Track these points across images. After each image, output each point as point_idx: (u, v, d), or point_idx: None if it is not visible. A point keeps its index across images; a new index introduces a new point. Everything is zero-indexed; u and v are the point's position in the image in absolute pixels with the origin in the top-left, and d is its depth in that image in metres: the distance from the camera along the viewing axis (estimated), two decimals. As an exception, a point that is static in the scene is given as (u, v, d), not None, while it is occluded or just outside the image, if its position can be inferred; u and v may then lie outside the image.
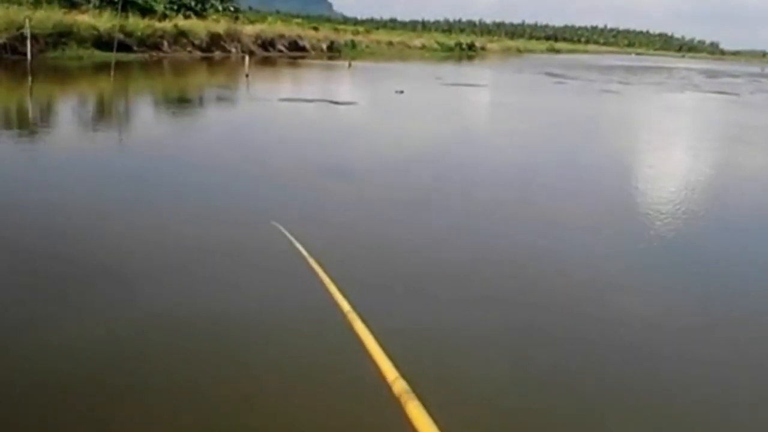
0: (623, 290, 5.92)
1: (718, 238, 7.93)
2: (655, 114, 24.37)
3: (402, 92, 23.09)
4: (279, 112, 17.40)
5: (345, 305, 1.60)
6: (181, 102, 18.89)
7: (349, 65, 36.99)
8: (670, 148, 15.74)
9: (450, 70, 43.82)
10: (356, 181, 9.72)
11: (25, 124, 13.38)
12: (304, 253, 2.40)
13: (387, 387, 1.20)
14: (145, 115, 16.42)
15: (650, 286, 6.03)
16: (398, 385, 1.19)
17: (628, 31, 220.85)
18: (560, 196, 9.46)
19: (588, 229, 7.78)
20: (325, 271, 1.97)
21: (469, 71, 45.28)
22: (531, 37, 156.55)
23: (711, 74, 59.88)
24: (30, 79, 17.92)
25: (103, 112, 16.49)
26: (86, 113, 16.04)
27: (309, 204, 8.00)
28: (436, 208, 8.32)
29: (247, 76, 24.99)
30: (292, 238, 2.78)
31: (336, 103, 19.48)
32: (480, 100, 25.25)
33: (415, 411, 1.11)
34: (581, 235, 7.51)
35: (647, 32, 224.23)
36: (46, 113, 15.38)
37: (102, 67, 23.91)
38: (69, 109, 16.31)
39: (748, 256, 7.22)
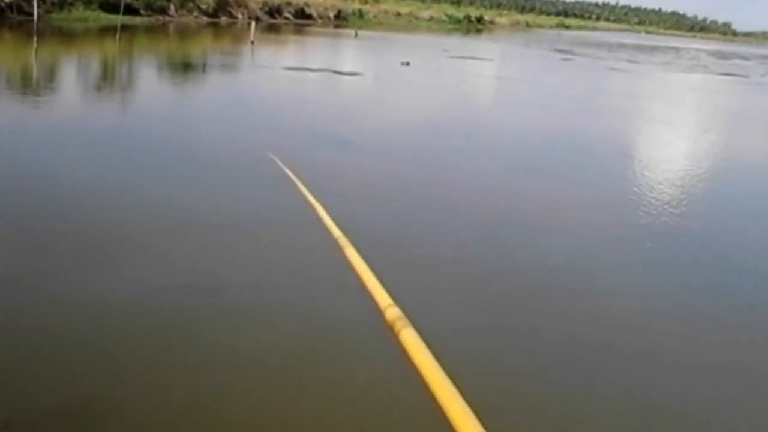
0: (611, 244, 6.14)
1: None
2: (658, 94, 24.30)
3: (408, 64, 23.03)
4: (281, 80, 17.42)
5: (335, 231, 1.61)
6: (184, 67, 18.91)
7: (356, 35, 36.78)
8: (663, 127, 15.77)
9: (457, 43, 43.51)
10: (349, 149, 9.84)
11: (29, 86, 13.46)
12: (297, 181, 2.44)
13: (380, 313, 1.16)
14: (148, 79, 16.46)
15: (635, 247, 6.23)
16: (391, 312, 1.15)
17: (639, 9, 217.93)
18: (547, 168, 9.61)
19: (578, 197, 7.94)
20: (317, 199, 1.97)
21: (476, 45, 44.95)
22: (541, 12, 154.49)
23: (721, 56, 59.32)
24: (35, 40, 17.95)
25: (107, 76, 16.54)
26: (91, 76, 16.10)
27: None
28: (430, 161, 8.61)
29: (252, 42, 24.93)
30: (285, 169, 2.82)
31: (340, 73, 19.49)
32: (485, 74, 25.16)
33: (408, 337, 1.07)
34: (572, 195, 7.68)
35: (659, 11, 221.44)
36: (51, 75, 15.44)
37: (108, 30, 23.85)
38: (73, 72, 16.38)
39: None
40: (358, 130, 11.57)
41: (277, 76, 17.86)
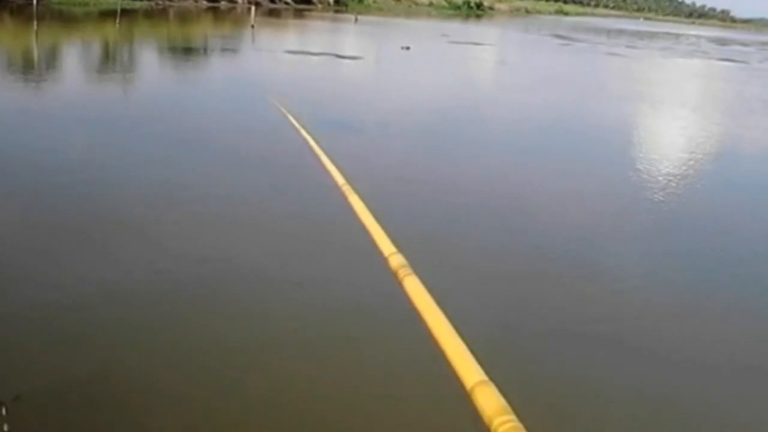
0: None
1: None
2: (660, 78, 24.36)
3: (408, 48, 23.05)
4: (282, 63, 17.44)
5: (339, 178, 1.56)
6: (184, 51, 18.90)
7: (356, 20, 36.71)
8: (653, 105, 15.86)
9: (457, 28, 43.41)
10: (351, 132, 9.95)
11: (29, 69, 13.49)
12: (298, 126, 2.42)
13: (384, 261, 1.15)
14: (148, 63, 16.48)
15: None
16: (395, 259, 1.15)
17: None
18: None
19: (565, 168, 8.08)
20: (318, 145, 1.91)
21: (475, 30, 44.91)
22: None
23: (720, 42, 59.21)
24: (35, 24, 17.94)
25: (107, 60, 16.55)
26: (91, 60, 16.12)
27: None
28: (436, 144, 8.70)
29: (252, 27, 24.92)
30: (288, 114, 2.81)
31: (341, 57, 19.52)
32: (484, 59, 25.19)
33: (412, 284, 1.07)
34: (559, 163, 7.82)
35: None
36: (51, 59, 15.46)
37: (107, 15, 23.80)
38: (73, 55, 16.39)
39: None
40: (362, 107, 11.67)
41: (278, 60, 17.88)
